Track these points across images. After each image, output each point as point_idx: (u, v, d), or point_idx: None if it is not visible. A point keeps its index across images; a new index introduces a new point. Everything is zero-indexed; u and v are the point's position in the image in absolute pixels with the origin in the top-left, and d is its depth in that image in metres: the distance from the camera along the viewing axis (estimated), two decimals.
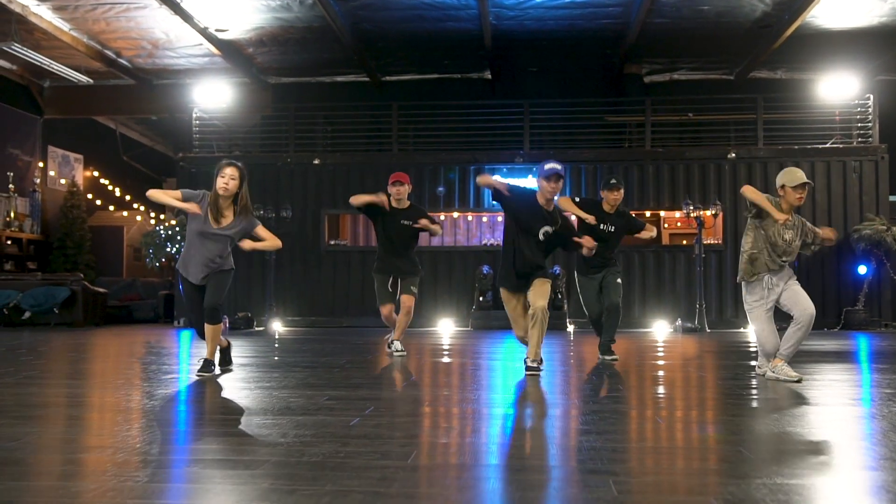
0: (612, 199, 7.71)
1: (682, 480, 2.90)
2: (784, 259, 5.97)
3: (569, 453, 3.32)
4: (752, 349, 9.51)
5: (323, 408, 4.43)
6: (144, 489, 2.68)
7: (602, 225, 7.63)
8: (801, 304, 5.87)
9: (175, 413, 4.49)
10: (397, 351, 8.12)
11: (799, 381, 5.76)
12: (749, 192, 5.99)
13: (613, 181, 7.79)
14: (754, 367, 6.45)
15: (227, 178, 6.03)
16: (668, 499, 2.62)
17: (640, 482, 2.83)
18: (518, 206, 6.43)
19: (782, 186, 6.00)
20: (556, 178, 6.31)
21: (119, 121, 20.10)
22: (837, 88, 15.33)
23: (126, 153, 20.40)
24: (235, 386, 5.54)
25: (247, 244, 6.18)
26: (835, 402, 4.87)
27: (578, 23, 14.85)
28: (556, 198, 6.54)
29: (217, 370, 6.34)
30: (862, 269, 14.55)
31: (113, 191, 20.40)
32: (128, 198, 20.55)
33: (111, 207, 20.20)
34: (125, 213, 20.11)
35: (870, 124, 15.38)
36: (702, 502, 2.55)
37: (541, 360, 6.42)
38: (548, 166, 6.36)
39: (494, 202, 6.57)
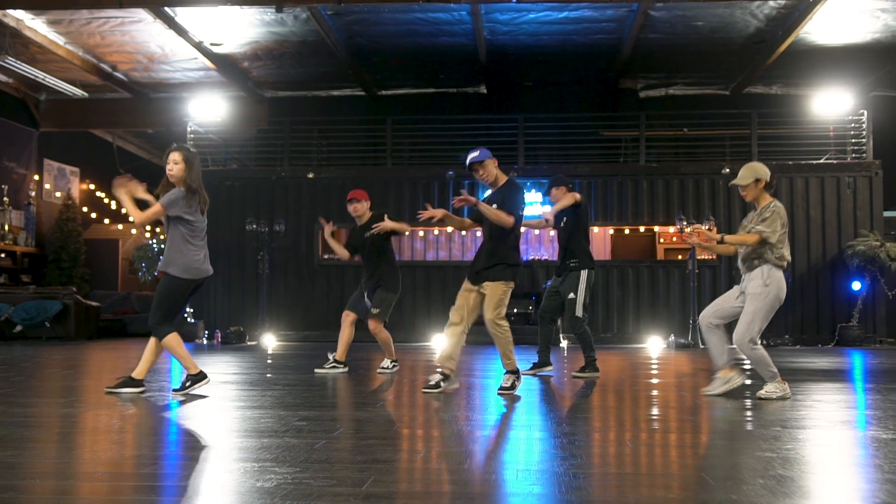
0: (553, 196, 8.02)
1: None
2: (740, 262, 6.12)
3: (529, 480, 3.27)
4: (744, 367, 9.43)
5: (291, 429, 4.38)
6: None
7: (561, 223, 7.98)
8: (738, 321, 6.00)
9: (135, 434, 4.44)
10: (381, 368, 8.15)
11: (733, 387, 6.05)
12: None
13: (544, 181, 8.15)
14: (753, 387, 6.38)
15: (171, 164, 5.97)
16: None
17: None
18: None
19: None
20: (479, 166, 6.13)
21: (116, 134, 20.12)
22: (832, 104, 15.32)
23: (123, 166, 20.39)
24: (210, 405, 5.49)
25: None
26: (818, 425, 4.81)
27: (573, 38, 14.87)
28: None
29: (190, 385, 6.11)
30: (856, 285, 14.48)
31: (109, 204, 20.40)
32: (123, 211, 20.49)
33: (107, 220, 20.20)
34: (121, 227, 20.11)
35: (864, 140, 15.35)
36: None
37: (516, 372, 6.25)
38: (467, 161, 6.19)
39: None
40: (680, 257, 16.57)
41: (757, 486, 3.08)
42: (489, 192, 6.40)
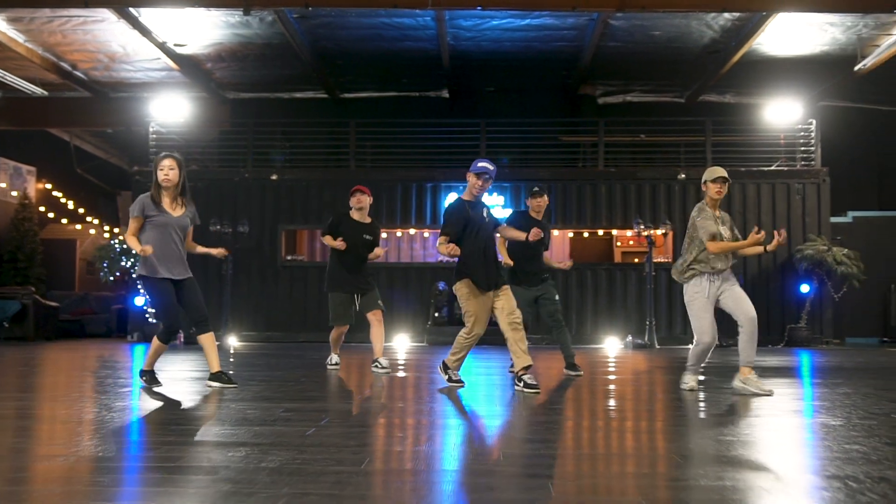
0: (535, 205, 8.10)
1: (617, 483, 3.10)
2: (729, 257, 6.32)
3: (512, 460, 3.51)
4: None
5: (279, 419, 4.56)
6: (106, 493, 2.80)
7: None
8: (742, 308, 6.19)
9: (132, 423, 4.58)
10: (383, 367, 8.10)
11: (770, 394, 6.05)
12: (715, 248, 6.30)
13: (536, 188, 8.18)
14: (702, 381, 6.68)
15: (167, 170, 6.20)
16: (602, 499, 2.83)
17: (577, 485, 3.04)
18: (462, 220, 6.45)
19: (704, 182, 6.46)
20: (487, 179, 6.43)
21: (73, 133, 19.95)
22: (782, 113, 15.89)
23: (80, 166, 20.24)
24: (191, 399, 5.63)
25: (200, 249, 6.52)
26: (774, 413, 5.13)
27: (534, 45, 15.20)
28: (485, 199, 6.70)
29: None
30: (805, 288, 15.03)
31: (66, 203, 20.22)
32: (81, 211, 20.37)
33: (64, 220, 20.02)
34: (78, 227, 19.94)
35: (812, 148, 15.95)
36: (631, 502, 2.76)
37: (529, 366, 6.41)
38: (480, 164, 6.46)
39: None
40: (636, 260, 17.00)
41: (728, 466, 3.36)
42: (471, 203, 6.53)
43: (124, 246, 14.56)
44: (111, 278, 14.68)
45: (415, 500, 2.76)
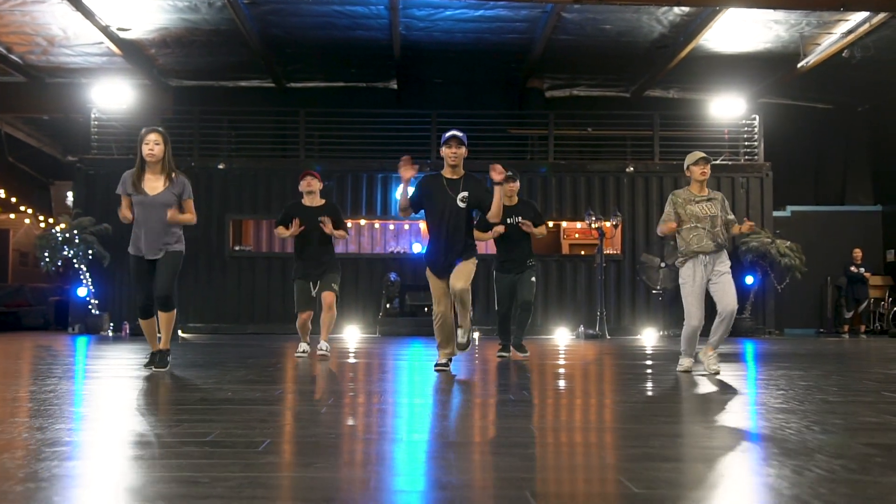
0: (507, 190, 7.96)
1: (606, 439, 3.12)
2: (717, 237, 6.52)
3: (503, 433, 3.50)
4: (648, 351, 10.01)
5: (285, 399, 4.45)
6: (156, 465, 2.67)
7: (508, 219, 7.88)
8: (724, 299, 6.48)
9: (136, 404, 4.40)
10: (320, 350, 8.13)
11: (716, 374, 6.33)
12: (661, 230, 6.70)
13: (510, 173, 8.06)
14: (671, 367, 6.79)
15: (152, 145, 6.07)
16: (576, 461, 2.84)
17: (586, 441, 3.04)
18: (424, 195, 6.43)
19: (687, 167, 6.67)
20: (457, 144, 6.27)
21: (5, 120, 19.17)
22: (726, 109, 16.26)
23: (11, 154, 19.46)
24: (179, 383, 5.45)
25: (171, 214, 6.06)
26: (727, 390, 5.26)
27: (486, 36, 15.22)
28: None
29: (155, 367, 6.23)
30: (749, 280, 15.42)
31: None
32: (13, 200, 19.59)
33: None
34: (12, 216, 19.18)
35: (756, 143, 16.37)
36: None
37: (467, 340, 6.56)
38: (448, 134, 6.37)
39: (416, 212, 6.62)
40: (583, 252, 17.18)
41: (688, 428, 3.41)
42: (448, 181, 6.47)
43: (66, 235, 14.04)
44: (52, 268, 14.14)
45: (457, 458, 2.72)
